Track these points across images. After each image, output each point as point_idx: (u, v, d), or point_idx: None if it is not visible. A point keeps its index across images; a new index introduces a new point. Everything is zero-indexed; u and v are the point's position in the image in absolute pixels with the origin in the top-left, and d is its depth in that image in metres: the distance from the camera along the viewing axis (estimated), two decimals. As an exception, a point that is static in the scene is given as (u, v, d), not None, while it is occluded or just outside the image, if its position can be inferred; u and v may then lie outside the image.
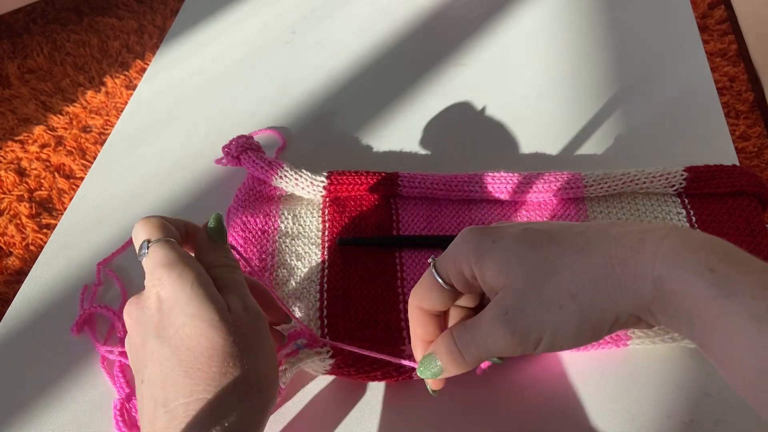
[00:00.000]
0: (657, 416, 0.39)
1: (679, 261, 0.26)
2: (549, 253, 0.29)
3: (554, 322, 0.28)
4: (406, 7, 0.75)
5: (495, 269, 0.30)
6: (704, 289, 0.25)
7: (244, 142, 0.53)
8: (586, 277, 0.28)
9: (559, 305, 0.28)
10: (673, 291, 0.26)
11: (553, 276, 0.29)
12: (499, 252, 0.30)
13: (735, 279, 0.25)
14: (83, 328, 0.46)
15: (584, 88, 0.63)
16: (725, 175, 0.49)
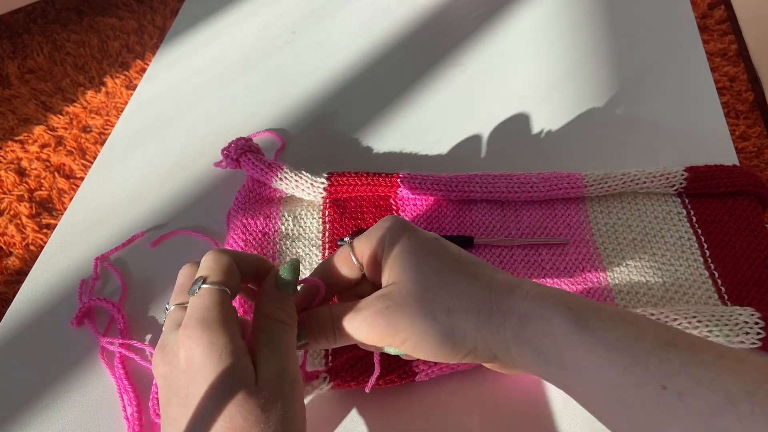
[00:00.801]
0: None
1: (542, 302, 0.30)
2: (445, 268, 0.32)
3: (423, 329, 0.31)
4: (405, 7, 0.75)
5: (397, 261, 0.33)
6: (564, 324, 0.29)
7: (243, 145, 0.53)
8: (466, 300, 0.31)
9: (434, 316, 0.31)
10: (536, 327, 0.30)
11: (440, 288, 0.32)
12: (408, 249, 0.33)
13: (590, 316, 0.29)
14: (83, 321, 0.46)
15: (584, 88, 0.63)
16: (725, 175, 0.49)
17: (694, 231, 0.48)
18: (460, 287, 0.32)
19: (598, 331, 0.28)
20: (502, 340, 0.31)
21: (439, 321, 0.31)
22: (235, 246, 0.48)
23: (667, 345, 0.27)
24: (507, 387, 0.41)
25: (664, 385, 0.26)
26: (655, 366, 0.26)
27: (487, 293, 0.31)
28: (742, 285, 0.44)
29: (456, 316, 0.31)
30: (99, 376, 0.44)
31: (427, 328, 0.31)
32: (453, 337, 0.31)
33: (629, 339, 0.28)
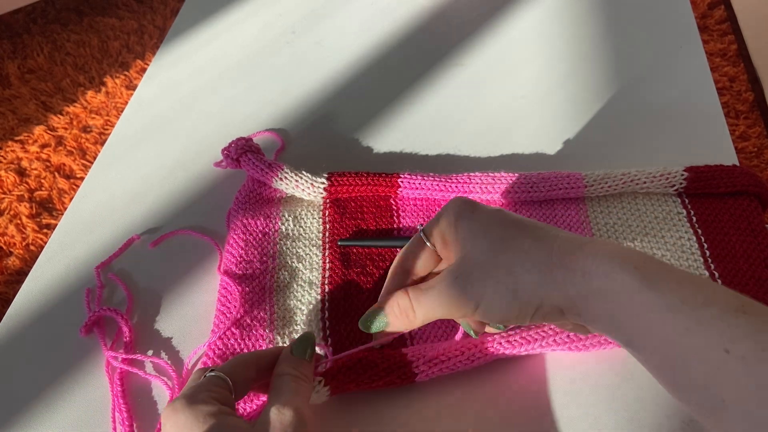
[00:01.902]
0: (657, 416, 0.39)
1: (609, 260, 0.30)
2: (510, 234, 0.33)
3: (489, 294, 0.32)
4: (405, 7, 0.75)
5: (464, 234, 0.34)
6: (629, 282, 0.29)
7: (243, 145, 0.53)
8: (528, 262, 0.32)
9: (497, 280, 0.32)
10: (600, 284, 0.30)
11: (503, 253, 0.33)
12: (473, 221, 0.35)
13: (658, 277, 0.29)
14: (92, 329, 0.46)
15: (584, 88, 0.63)
16: (725, 175, 0.49)
17: (694, 231, 0.48)
18: (524, 248, 0.32)
19: (663, 291, 0.28)
20: (566, 296, 0.31)
21: (503, 282, 0.32)
22: (235, 246, 0.48)
23: (735, 311, 0.26)
24: (507, 388, 0.41)
25: (727, 348, 0.25)
26: (720, 330, 0.26)
27: (548, 251, 0.32)
28: (742, 285, 0.44)
29: (518, 276, 0.32)
30: (99, 376, 0.44)
31: (493, 291, 0.32)
32: (518, 297, 0.32)
33: (696, 302, 0.27)
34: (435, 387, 0.41)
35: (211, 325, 0.45)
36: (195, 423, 0.30)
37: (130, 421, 0.41)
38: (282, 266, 0.47)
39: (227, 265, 0.47)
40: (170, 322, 0.47)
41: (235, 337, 0.43)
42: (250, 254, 0.48)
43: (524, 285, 0.32)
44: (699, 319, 0.27)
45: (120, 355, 0.43)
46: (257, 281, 0.46)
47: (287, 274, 0.47)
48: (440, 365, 0.40)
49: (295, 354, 0.36)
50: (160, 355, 0.45)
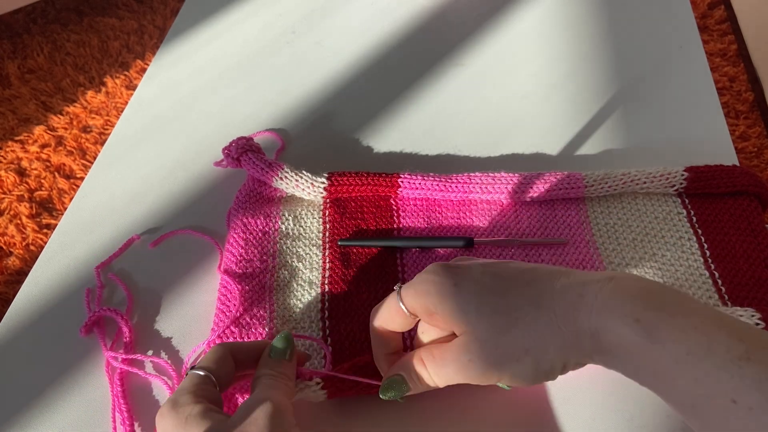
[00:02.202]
0: (657, 416, 0.39)
1: (609, 315, 0.30)
2: (506, 304, 0.33)
3: (512, 370, 0.33)
4: (405, 7, 0.75)
5: (455, 314, 0.33)
6: (632, 338, 0.29)
7: (244, 144, 0.53)
8: (536, 334, 0.32)
9: (516, 358, 0.32)
10: (608, 342, 0.30)
11: (509, 330, 0.32)
12: (460, 297, 0.33)
13: (659, 327, 0.29)
14: (92, 329, 0.46)
15: (584, 88, 0.63)
16: (726, 175, 0.49)
17: (694, 231, 0.48)
18: (528, 321, 0.32)
19: (666, 344, 0.29)
20: (585, 354, 0.32)
21: (523, 361, 0.32)
22: (235, 245, 0.48)
23: (739, 360, 0.27)
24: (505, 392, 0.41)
25: (734, 399, 0.26)
26: (725, 380, 0.27)
27: (553, 320, 0.32)
28: (742, 285, 0.44)
29: (535, 353, 0.32)
30: (98, 376, 0.44)
31: (515, 369, 0.33)
32: (541, 368, 0.32)
33: (700, 352, 0.28)
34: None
35: (211, 324, 0.45)
36: (179, 425, 0.31)
37: (131, 420, 0.41)
38: (282, 265, 0.47)
39: (227, 263, 0.47)
40: (170, 321, 0.47)
41: (234, 336, 0.43)
42: (250, 253, 0.48)
43: (544, 359, 0.32)
44: (705, 370, 0.27)
45: (120, 355, 0.43)
46: (257, 280, 0.46)
47: (287, 273, 0.47)
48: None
49: (273, 357, 0.37)
50: (160, 354, 0.45)
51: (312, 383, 0.39)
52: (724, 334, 0.28)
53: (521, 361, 0.32)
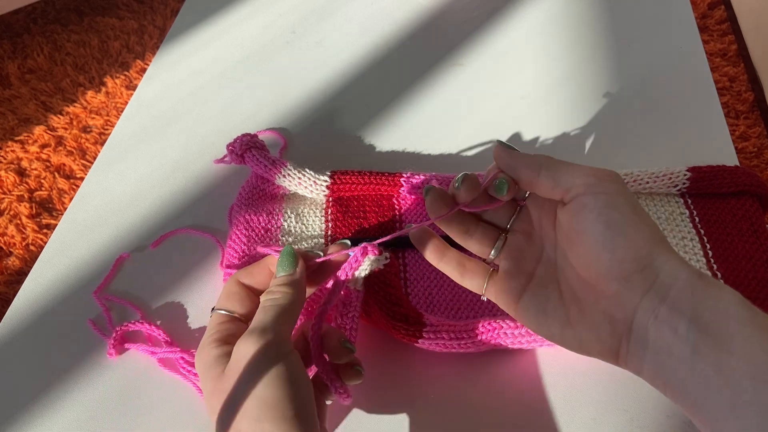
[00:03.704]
0: (657, 416, 0.39)
1: (740, 306, 0.27)
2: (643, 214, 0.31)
3: (625, 209, 0.30)
4: (405, 8, 0.75)
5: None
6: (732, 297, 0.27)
7: (248, 141, 0.53)
8: (658, 231, 0.30)
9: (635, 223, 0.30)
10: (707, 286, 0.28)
11: (643, 218, 0.31)
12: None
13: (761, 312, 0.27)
14: (122, 346, 0.45)
15: (584, 88, 0.63)
16: (728, 175, 0.49)
17: (696, 231, 0.48)
18: (651, 222, 0.31)
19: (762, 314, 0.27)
20: (674, 275, 0.29)
21: (642, 224, 0.30)
22: (237, 241, 0.48)
23: None
24: (507, 388, 0.41)
25: None
26: None
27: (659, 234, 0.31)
28: (744, 285, 0.44)
29: (660, 233, 0.30)
30: (98, 376, 0.44)
31: (639, 207, 0.31)
32: (653, 229, 0.30)
33: None
34: (435, 384, 0.41)
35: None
36: (203, 369, 0.34)
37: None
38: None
39: (229, 259, 0.47)
40: (171, 322, 0.46)
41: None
42: (252, 249, 0.48)
43: (663, 239, 0.30)
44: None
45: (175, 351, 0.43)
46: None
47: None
48: (447, 326, 0.41)
49: (279, 275, 0.37)
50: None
51: (382, 257, 0.40)
52: None
53: (642, 223, 0.30)
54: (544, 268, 0.35)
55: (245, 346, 0.32)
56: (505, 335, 0.40)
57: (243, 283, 0.38)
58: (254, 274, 0.38)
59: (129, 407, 0.42)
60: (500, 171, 0.35)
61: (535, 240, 0.36)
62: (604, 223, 0.30)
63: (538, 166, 0.33)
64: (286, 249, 0.37)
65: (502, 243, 0.37)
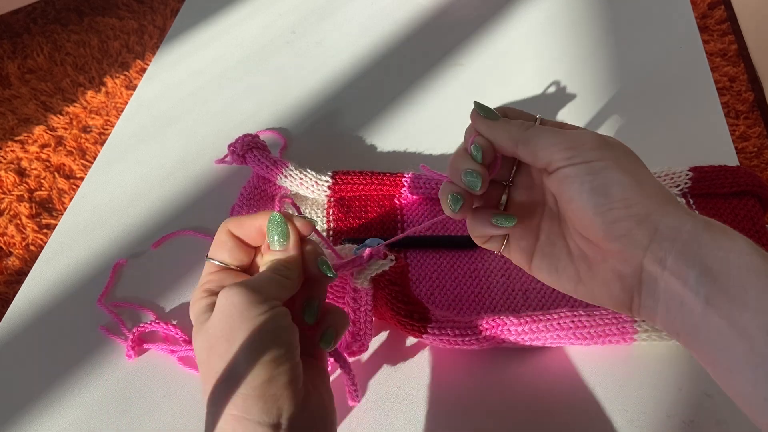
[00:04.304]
0: (657, 416, 0.39)
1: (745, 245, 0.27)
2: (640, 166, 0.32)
3: (624, 165, 0.30)
4: (405, 8, 0.75)
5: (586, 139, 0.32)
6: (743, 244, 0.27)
7: (249, 141, 0.53)
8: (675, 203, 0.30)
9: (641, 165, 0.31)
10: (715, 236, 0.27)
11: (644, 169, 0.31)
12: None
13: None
14: (140, 347, 0.45)
15: (584, 88, 0.63)
16: (729, 175, 0.49)
17: (697, 231, 0.48)
18: (651, 181, 0.31)
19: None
20: (677, 227, 0.28)
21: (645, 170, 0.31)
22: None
23: None
24: (507, 388, 0.41)
25: None
26: None
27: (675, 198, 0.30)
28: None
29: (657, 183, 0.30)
30: (98, 376, 0.44)
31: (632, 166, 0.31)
32: (642, 186, 0.30)
33: None
34: (436, 381, 0.41)
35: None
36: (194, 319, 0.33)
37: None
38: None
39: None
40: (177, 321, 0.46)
41: None
42: None
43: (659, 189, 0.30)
44: None
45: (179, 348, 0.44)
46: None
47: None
48: (451, 323, 0.41)
49: (270, 246, 0.34)
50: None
51: (386, 259, 0.40)
52: None
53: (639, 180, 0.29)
54: (549, 224, 0.34)
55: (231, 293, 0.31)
56: (508, 332, 0.40)
57: (232, 233, 0.36)
58: (244, 227, 0.36)
59: (129, 407, 0.42)
60: (477, 134, 0.35)
61: (536, 193, 0.35)
62: (588, 190, 0.30)
63: (515, 141, 0.33)
64: (274, 216, 0.34)
65: (506, 198, 0.36)
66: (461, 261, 0.47)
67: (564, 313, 0.41)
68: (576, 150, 0.31)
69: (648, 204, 0.29)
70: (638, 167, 0.31)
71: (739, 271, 0.26)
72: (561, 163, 0.31)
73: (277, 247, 0.34)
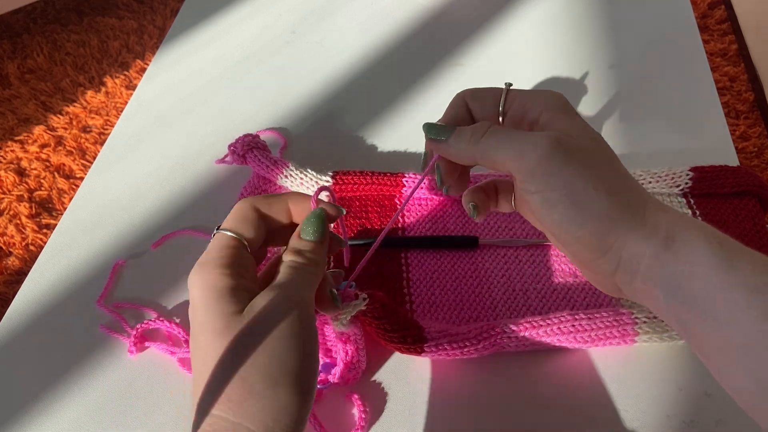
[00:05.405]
0: (657, 416, 0.39)
1: (693, 230, 0.27)
2: (612, 153, 0.31)
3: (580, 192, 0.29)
4: (405, 8, 0.75)
5: (570, 124, 0.31)
6: (710, 257, 0.26)
7: (250, 141, 0.53)
8: (628, 193, 0.29)
9: (594, 187, 0.29)
10: (678, 252, 0.27)
11: (608, 166, 0.30)
12: (580, 121, 0.32)
13: (741, 257, 0.26)
14: (142, 344, 0.45)
15: (584, 88, 0.63)
16: (730, 175, 0.49)
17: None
18: (626, 181, 0.30)
19: (745, 272, 0.25)
20: (639, 254, 0.28)
21: (597, 196, 0.28)
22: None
23: None
24: (507, 388, 0.41)
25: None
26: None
27: (644, 200, 0.29)
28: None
29: (614, 204, 0.28)
30: (98, 376, 0.44)
31: (583, 194, 0.29)
32: (601, 222, 0.29)
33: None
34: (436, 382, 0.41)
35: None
36: (207, 294, 0.30)
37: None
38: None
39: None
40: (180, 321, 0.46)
41: None
42: None
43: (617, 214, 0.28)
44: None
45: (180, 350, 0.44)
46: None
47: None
48: (448, 336, 0.40)
49: (303, 237, 0.33)
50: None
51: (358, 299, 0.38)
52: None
53: (598, 192, 0.28)
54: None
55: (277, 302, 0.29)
56: (508, 339, 0.40)
57: (258, 209, 0.34)
58: (272, 206, 0.35)
59: (129, 407, 0.42)
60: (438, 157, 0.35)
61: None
62: (548, 222, 0.30)
63: (470, 159, 0.32)
64: (317, 212, 0.34)
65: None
66: (461, 261, 0.47)
67: (564, 316, 0.41)
68: (528, 174, 0.30)
69: (605, 233, 0.29)
70: (594, 179, 0.29)
71: (708, 287, 0.26)
72: (519, 183, 0.31)
73: (311, 237, 0.33)
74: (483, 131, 0.32)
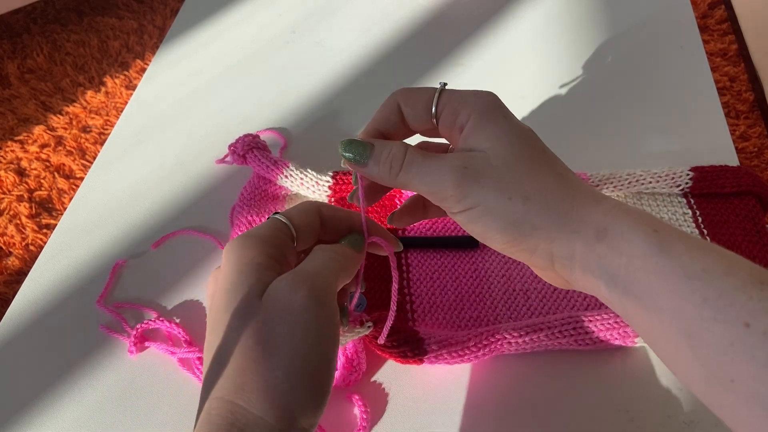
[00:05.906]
0: (657, 416, 0.39)
1: (627, 219, 0.27)
2: (536, 158, 0.31)
3: (493, 205, 0.29)
4: (405, 8, 0.75)
5: (488, 132, 0.31)
6: (644, 245, 0.26)
7: (250, 141, 0.53)
8: (546, 196, 0.29)
9: (509, 196, 0.29)
10: (611, 244, 0.27)
11: (525, 174, 0.30)
12: (504, 125, 0.32)
13: (676, 242, 0.26)
14: (142, 344, 0.45)
15: (584, 88, 0.63)
16: (730, 175, 0.49)
17: (699, 231, 0.48)
18: (546, 181, 0.30)
19: (682, 258, 0.25)
20: (569, 248, 0.29)
21: (513, 204, 0.29)
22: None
23: (760, 283, 0.24)
24: (507, 388, 0.41)
25: (748, 322, 0.23)
26: (742, 302, 0.23)
27: (570, 196, 0.29)
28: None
29: (531, 207, 0.29)
30: (98, 376, 0.44)
31: (498, 207, 0.29)
32: (520, 227, 0.29)
33: (717, 271, 0.25)
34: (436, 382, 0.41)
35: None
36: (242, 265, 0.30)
37: None
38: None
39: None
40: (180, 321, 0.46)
41: None
42: None
43: (532, 220, 0.29)
44: (719, 290, 0.24)
45: (192, 351, 0.43)
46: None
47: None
48: (448, 347, 0.40)
49: (346, 243, 0.34)
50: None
51: (363, 326, 0.39)
52: (745, 262, 0.25)
53: (511, 202, 0.29)
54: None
55: (306, 295, 0.29)
56: (509, 344, 0.40)
57: (321, 212, 0.35)
58: (336, 214, 0.35)
59: (129, 407, 0.42)
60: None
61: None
62: (478, 235, 0.31)
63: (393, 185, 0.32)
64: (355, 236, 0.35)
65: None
66: (461, 261, 0.47)
67: (564, 319, 0.41)
68: (445, 201, 0.31)
69: (527, 234, 0.29)
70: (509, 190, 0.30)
71: (647, 275, 0.26)
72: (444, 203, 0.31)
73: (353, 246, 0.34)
74: (399, 165, 0.32)
